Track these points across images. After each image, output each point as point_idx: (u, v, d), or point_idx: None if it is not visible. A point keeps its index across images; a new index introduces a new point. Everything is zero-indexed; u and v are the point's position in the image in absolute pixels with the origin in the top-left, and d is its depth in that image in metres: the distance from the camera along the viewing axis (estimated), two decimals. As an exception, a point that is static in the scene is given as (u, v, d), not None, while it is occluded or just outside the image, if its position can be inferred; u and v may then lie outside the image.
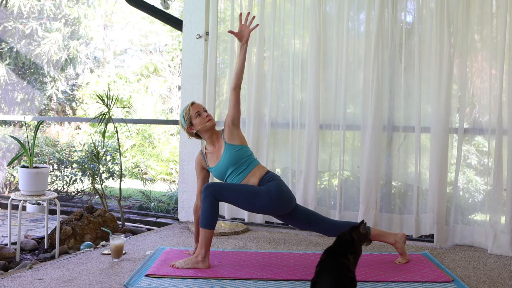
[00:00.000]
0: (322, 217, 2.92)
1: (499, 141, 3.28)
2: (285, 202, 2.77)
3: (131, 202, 6.15)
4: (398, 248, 2.92)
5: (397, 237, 2.92)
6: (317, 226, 2.89)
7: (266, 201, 2.73)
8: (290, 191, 2.83)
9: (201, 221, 2.72)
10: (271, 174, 2.84)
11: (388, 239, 2.92)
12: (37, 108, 9.95)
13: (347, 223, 2.92)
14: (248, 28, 2.86)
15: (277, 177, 2.85)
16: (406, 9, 3.68)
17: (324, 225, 2.88)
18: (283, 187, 2.78)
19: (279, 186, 2.76)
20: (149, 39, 12.46)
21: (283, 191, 2.76)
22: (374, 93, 3.57)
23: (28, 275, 2.60)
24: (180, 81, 4.88)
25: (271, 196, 2.72)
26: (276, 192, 2.73)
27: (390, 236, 2.93)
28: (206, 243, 2.74)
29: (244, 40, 2.84)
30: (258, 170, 2.83)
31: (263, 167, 2.88)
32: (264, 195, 2.73)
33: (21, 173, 3.38)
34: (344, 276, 2.03)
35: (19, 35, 9.47)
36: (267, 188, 2.75)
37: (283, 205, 2.78)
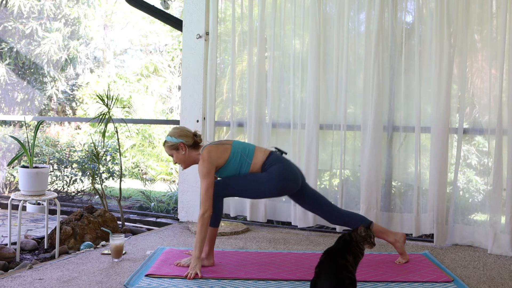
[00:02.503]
0: (328, 202, 2.92)
1: (499, 141, 3.28)
2: (289, 184, 2.77)
3: (131, 202, 6.15)
4: (398, 248, 2.92)
5: (397, 236, 2.93)
6: (321, 210, 2.90)
7: (269, 187, 2.73)
8: (293, 172, 2.79)
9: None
10: (272, 159, 2.78)
11: (388, 237, 2.92)
12: (37, 108, 9.94)
13: (351, 214, 2.93)
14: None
15: (279, 159, 2.80)
16: (406, 9, 3.68)
17: (329, 210, 2.89)
18: (284, 170, 2.75)
19: (279, 171, 2.73)
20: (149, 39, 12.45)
21: (284, 174, 2.73)
22: (374, 93, 3.57)
23: (28, 275, 2.60)
24: (180, 81, 4.88)
25: (272, 181, 2.72)
26: (277, 178, 2.72)
27: (391, 235, 2.93)
28: (210, 241, 2.76)
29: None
30: (257, 159, 2.78)
31: (262, 153, 2.81)
32: (266, 181, 2.73)
33: (21, 173, 3.38)
34: (344, 277, 2.04)
35: (19, 35, 9.47)
36: (268, 174, 2.73)
37: (287, 188, 2.78)
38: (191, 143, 2.78)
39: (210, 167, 2.69)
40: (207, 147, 2.76)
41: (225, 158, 2.75)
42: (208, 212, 2.64)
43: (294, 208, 3.84)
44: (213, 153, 2.73)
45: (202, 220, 2.63)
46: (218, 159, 2.73)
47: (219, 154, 2.74)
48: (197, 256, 2.63)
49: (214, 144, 2.80)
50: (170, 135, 2.80)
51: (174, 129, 2.83)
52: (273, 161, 2.77)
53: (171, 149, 2.80)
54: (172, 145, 2.78)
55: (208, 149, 2.74)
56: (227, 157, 2.75)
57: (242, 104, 4.12)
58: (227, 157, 2.75)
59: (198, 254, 2.63)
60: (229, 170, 2.77)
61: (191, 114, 4.12)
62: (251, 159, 2.78)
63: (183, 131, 2.81)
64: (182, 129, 2.85)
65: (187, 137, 2.79)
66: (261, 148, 2.87)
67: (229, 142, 2.83)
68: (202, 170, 2.70)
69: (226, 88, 4.22)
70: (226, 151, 2.76)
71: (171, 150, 2.81)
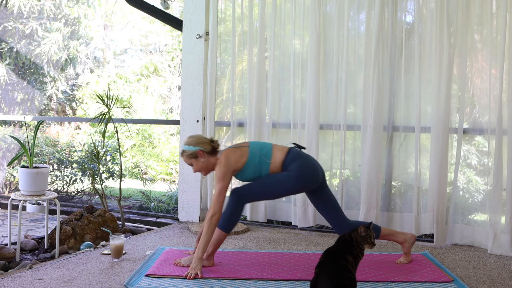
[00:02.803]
0: (340, 209, 2.90)
1: (499, 141, 3.28)
2: (310, 180, 2.77)
3: (131, 202, 6.15)
4: (405, 248, 2.92)
5: (407, 236, 2.93)
6: (331, 215, 2.86)
7: (290, 185, 2.74)
8: (314, 167, 2.79)
9: (221, 222, 2.73)
10: (291, 156, 2.78)
11: (397, 238, 2.93)
12: (37, 108, 9.94)
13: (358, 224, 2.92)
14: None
15: (299, 156, 2.79)
16: (406, 9, 3.68)
17: (340, 218, 2.86)
18: (304, 167, 2.75)
19: (299, 168, 2.73)
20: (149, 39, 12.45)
21: (304, 171, 2.74)
22: (375, 93, 3.57)
23: (28, 275, 2.60)
24: (180, 81, 4.88)
25: (293, 179, 2.72)
26: (297, 175, 2.72)
27: (400, 235, 2.93)
28: (216, 243, 2.76)
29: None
30: (276, 158, 2.77)
31: (280, 151, 2.80)
32: (287, 180, 2.73)
33: (21, 173, 3.38)
34: (344, 277, 2.04)
35: (19, 35, 9.46)
36: (289, 172, 2.74)
37: (308, 183, 2.78)
38: (209, 149, 2.78)
39: (226, 171, 2.70)
40: (225, 151, 2.77)
41: (243, 161, 2.75)
42: (217, 215, 2.64)
43: (294, 208, 3.84)
44: (231, 157, 2.74)
45: (210, 222, 2.64)
46: (235, 163, 2.74)
47: (237, 158, 2.75)
48: (199, 257, 2.63)
49: (231, 148, 2.81)
50: (187, 144, 2.78)
51: (190, 138, 2.82)
52: (293, 158, 2.77)
53: (190, 158, 2.79)
54: (191, 153, 2.76)
55: (225, 153, 2.76)
56: (245, 160, 2.76)
57: (242, 104, 4.12)
58: (245, 160, 2.76)
59: (201, 255, 2.63)
60: (249, 172, 2.78)
61: (191, 114, 4.12)
62: (270, 158, 2.78)
63: (199, 139, 2.80)
64: (198, 137, 2.84)
65: (205, 144, 2.78)
66: (279, 146, 2.86)
67: (246, 145, 2.83)
68: (218, 173, 2.71)
69: (226, 88, 4.22)
70: (244, 154, 2.77)
71: (190, 159, 2.79)
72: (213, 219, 2.63)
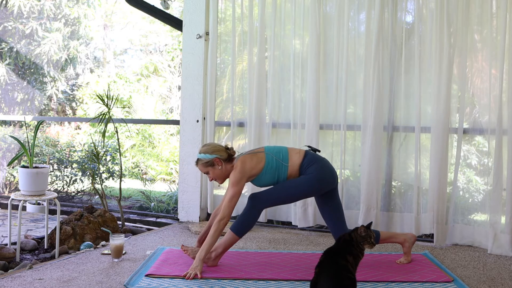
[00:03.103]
0: (343, 217, 2.89)
1: (499, 141, 3.28)
2: (327, 182, 2.77)
3: (131, 202, 6.14)
4: (405, 247, 2.92)
5: (407, 236, 2.93)
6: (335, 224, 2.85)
7: (309, 188, 2.74)
8: (330, 170, 2.80)
9: (235, 226, 2.73)
10: (308, 159, 2.77)
11: (397, 239, 2.93)
12: (37, 108, 9.94)
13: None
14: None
15: (316, 159, 2.79)
16: (406, 9, 3.68)
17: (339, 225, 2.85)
18: (322, 170, 2.75)
19: (317, 171, 2.73)
20: (149, 39, 12.44)
21: (322, 174, 2.74)
22: (375, 93, 3.57)
23: (28, 275, 2.60)
24: (180, 81, 4.88)
25: (312, 182, 2.72)
26: (315, 178, 2.72)
27: (400, 236, 2.94)
28: (226, 246, 2.76)
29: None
30: (294, 161, 2.76)
31: (297, 154, 2.79)
32: (305, 184, 2.73)
33: (21, 173, 3.38)
34: (344, 277, 2.04)
35: (19, 35, 9.46)
36: (307, 176, 2.73)
37: (325, 186, 2.78)
38: (225, 156, 2.77)
39: (241, 177, 2.70)
40: (241, 158, 2.77)
41: (260, 167, 2.75)
42: (225, 219, 2.64)
43: (294, 208, 3.84)
44: (247, 164, 2.73)
45: (218, 225, 2.64)
46: (251, 170, 2.73)
47: (253, 165, 2.74)
48: (202, 258, 2.62)
49: (248, 155, 2.80)
50: (203, 153, 2.78)
51: (206, 146, 2.81)
52: (310, 160, 2.77)
53: (206, 167, 2.78)
54: (208, 162, 2.76)
55: (242, 159, 2.75)
56: (262, 166, 2.75)
57: (242, 104, 4.12)
58: (262, 166, 2.75)
59: (203, 257, 2.63)
60: (267, 177, 2.77)
61: (191, 114, 4.12)
62: (287, 161, 2.77)
63: (215, 147, 2.80)
64: (213, 144, 2.83)
65: (221, 151, 2.78)
66: (295, 149, 2.86)
67: (261, 150, 2.82)
68: (232, 179, 2.70)
69: (226, 88, 4.22)
70: (261, 160, 2.76)
71: (206, 168, 2.79)
72: (221, 223, 2.64)
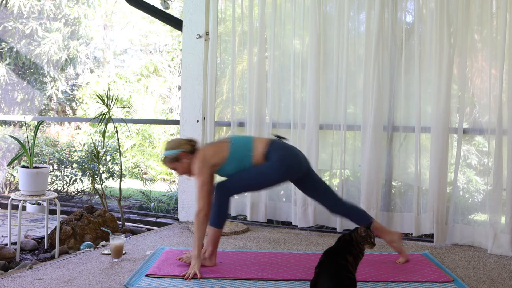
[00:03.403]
0: (333, 191, 2.92)
1: (499, 141, 3.28)
2: (293, 170, 2.76)
3: (131, 202, 6.15)
4: (395, 248, 2.93)
5: (393, 237, 2.93)
6: (325, 198, 2.88)
7: (273, 175, 2.72)
8: (296, 157, 2.78)
9: (211, 220, 2.73)
10: (273, 147, 2.75)
11: (385, 236, 2.92)
12: (37, 108, 9.94)
13: (352, 207, 2.94)
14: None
15: (281, 147, 2.77)
16: (406, 9, 3.68)
17: (333, 198, 2.89)
18: (286, 157, 2.73)
19: (281, 158, 2.71)
20: (149, 39, 12.45)
21: (286, 161, 2.72)
22: (375, 93, 3.57)
23: (28, 275, 2.60)
24: (180, 81, 4.88)
25: (276, 169, 2.70)
26: (279, 165, 2.70)
27: (387, 235, 2.93)
28: (213, 242, 2.76)
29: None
30: (258, 150, 2.75)
31: (262, 143, 2.77)
32: (269, 171, 2.71)
33: (21, 173, 3.38)
34: (344, 277, 2.04)
35: (19, 35, 9.46)
36: (271, 163, 2.71)
37: (291, 173, 2.77)
38: (190, 149, 2.77)
39: (203, 165, 2.68)
40: (201, 148, 2.79)
41: (222, 155, 2.73)
42: (203, 211, 2.64)
43: (295, 208, 3.84)
44: (207, 152, 2.74)
45: (197, 219, 2.64)
46: (212, 157, 2.71)
47: (213, 153, 2.73)
48: (196, 255, 2.63)
49: (208, 144, 2.81)
50: (167, 149, 2.78)
51: (169, 143, 2.82)
52: (275, 148, 2.75)
53: (173, 162, 2.78)
54: (174, 157, 2.76)
55: (202, 148, 2.78)
56: (226, 154, 2.73)
57: (242, 104, 4.12)
58: (225, 154, 2.73)
59: (197, 253, 2.63)
60: (231, 166, 2.76)
61: (191, 114, 4.12)
62: (252, 151, 2.75)
63: (178, 141, 2.80)
64: (176, 140, 2.83)
65: (184, 144, 2.77)
66: (261, 138, 2.85)
67: (227, 140, 2.83)
68: (195, 169, 2.70)
69: (226, 88, 4.22)
70: (223, 148, 2.75)
71: (173, 164, 2.78)
72: (200, 215, 2.63)
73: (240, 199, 4.05)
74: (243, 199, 4.06)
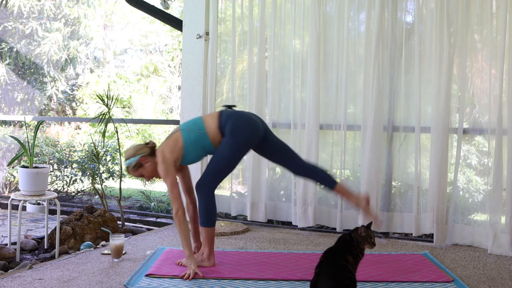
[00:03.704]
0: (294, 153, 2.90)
1: (499, 141, 3.28)
2: (251, 132, 2.74)
3: (131, 202, 6.15)
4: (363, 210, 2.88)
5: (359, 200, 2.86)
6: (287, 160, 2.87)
7: (237, 146, 2.70)
8: (249, 119, 2.76)
9: (201, 220, 2.73)
10: (224, 118, 2.74)
11: (350, 199, 2.89)
12: (37, 108, 9.95)
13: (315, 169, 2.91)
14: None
15: (231, 115, 2.76)
16: (406, 9, 3.68)
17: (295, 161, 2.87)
18: (239, 123, 2.71)
19: (233, 126, 2.69)
20: (149, 39, 12.45)
21: (241, 127, 2.71)
22: (375, 93, 3.57)
23: (28, 275, 2.60)
24: (180, 81, 4.88)
25: (234, 145, 2.70)
26: (234, 140, 2.69)
27: (353, 198, 2.88)
28: (209, 241, 2.76)
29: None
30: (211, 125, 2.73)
31: (212, 118, 2.76)
32: (230, 150, 2.70)
33: (21, 173, 3.38)
34: (344, 277, 2.04)
35: (19, 35, 9.47)
36: (227, 140, 2.70)
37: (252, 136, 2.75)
38: (149, 152, 2.76)
39: (166, 166, 2.67)
40: (158, 149, 2.76)
41: (179, 146, 2.72)
42: (180, 210, 2.63)
43: (294, 208, 3.84)
44: (165, 150, 2.71)
45: (177, 219, 2.63)
46: (171, 154, 2.70)
47: (170, 148, 2.71)
48: (188, 254, 2.63)
49: (164, 141, 2.78)
50: (127, 159, 2.77)
51: (127, 152, 2.80)
52: (226, 119, 2.73)
53: (136, 170, 2.77)
54: (135, 164, 2.75)
55: (159, 150, 2.74)
56: (181, 143, 2.72)
57: (242, 104, 4.12)
58: (181, 144, 2.72)
59: (188, 253, 2.63)
60: (192, 152, 2.75)
61: (191, 114, 4.12)
62: (204, 129, 2.74)
63: (135, 147, 2.79)
64: (133, 146, 2.82)
65: (142, 149, 2.76)
66: (210, 114, 2.84)
67: (177, 129, 2.81)
68: (160, 172, 2.69)
69: (226, 88, 4.22)
70: (177, 139, 2.73)
71: (137, 171, 2.78)
72: (178, 215, 2.63)
73: (240, 199, 4.05)
74: (243, 199, 4.06)
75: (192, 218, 2.99)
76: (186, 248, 2.63)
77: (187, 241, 2.64)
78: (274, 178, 4.12)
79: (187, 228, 2.66)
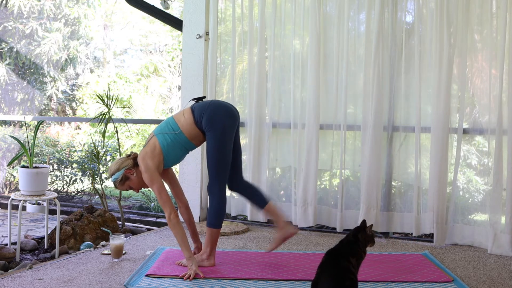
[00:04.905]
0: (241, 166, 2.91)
1: (499, 141, 3.28)
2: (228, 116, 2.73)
3: (131, 202, 6.15)
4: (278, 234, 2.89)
5: (286, 227, 2.88)
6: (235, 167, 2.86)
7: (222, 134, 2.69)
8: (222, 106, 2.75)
9: (209, 221, 2.73)
10: (197, 113, 2.71)
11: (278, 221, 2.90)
12: (37, 108, 9.95)
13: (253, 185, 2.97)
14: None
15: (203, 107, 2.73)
16: (406, 9, 3.68)
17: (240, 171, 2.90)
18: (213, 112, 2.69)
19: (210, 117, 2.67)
20: (149, 39, 12.45)
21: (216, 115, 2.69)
22: (375, 93, 3.57)
23: (28, 275, 2.60)
24: (180, 81, 4.88)
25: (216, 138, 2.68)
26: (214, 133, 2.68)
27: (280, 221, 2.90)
28: (212, 242, 2.76)
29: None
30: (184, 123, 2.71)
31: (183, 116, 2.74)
32: (215, 145, 2.68)
33: (21, 173, 3.38)
34: (346, 278, 2.03)
35: (19, 35, 9.47)
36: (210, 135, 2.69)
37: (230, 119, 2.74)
38: (132, 164, 2.75)
39: (150, 174, 2.66)
40: (139, 158, 2.73)
41: (157, 151, 2.69)
42: (173, 213, 2.62)
43: (295, 208, 3.84)
44: (146, 158, 2.68)
45: (171, 223, 2.63)
46: (152, 159, 2.67)
47: (150, 155, 2.68)
48: (188, 256, 2.62)
49: (142, 150, 2.76)
50: (112, 175, 2.76)
51: (110, 169, 2.79)
52: (200, 113, 2.71)
53: (124, 183, 2.77)
54: (122, 179, 2.75)
55: (140, 159, 2.71)
56: (159, 148, 2.70)
57: (242, 104, 4.12)
58: (158, 148, 2.70)
59: (188, 254, 2.63)
60: (172, 154, 2.73)
61: (191, 114, 4.12)
62: (179, 128, 2.72)
63: (118, 162, 2.78)
64: (115, 162, 2.80)
65: (125, 162, 2.76)
66: (180, 112, 2.81)
67: (151, 134, 2.79)
68: (145, 180, 2.69)
69: (226, 88, 4.22)
70: (155, 145, 2.70)
71: (124, 184, 2.78)
72: (171, 218, 2.62)
73: (240, 199, 4.05)
74: (243, 199, 4.05)
75: (187, 220, 2.99)
76: (185, 250, 2.63)
77: (185, 242, 2.63)
78: (274, 178, 4.12)
79: (182, 229, 2.65)
